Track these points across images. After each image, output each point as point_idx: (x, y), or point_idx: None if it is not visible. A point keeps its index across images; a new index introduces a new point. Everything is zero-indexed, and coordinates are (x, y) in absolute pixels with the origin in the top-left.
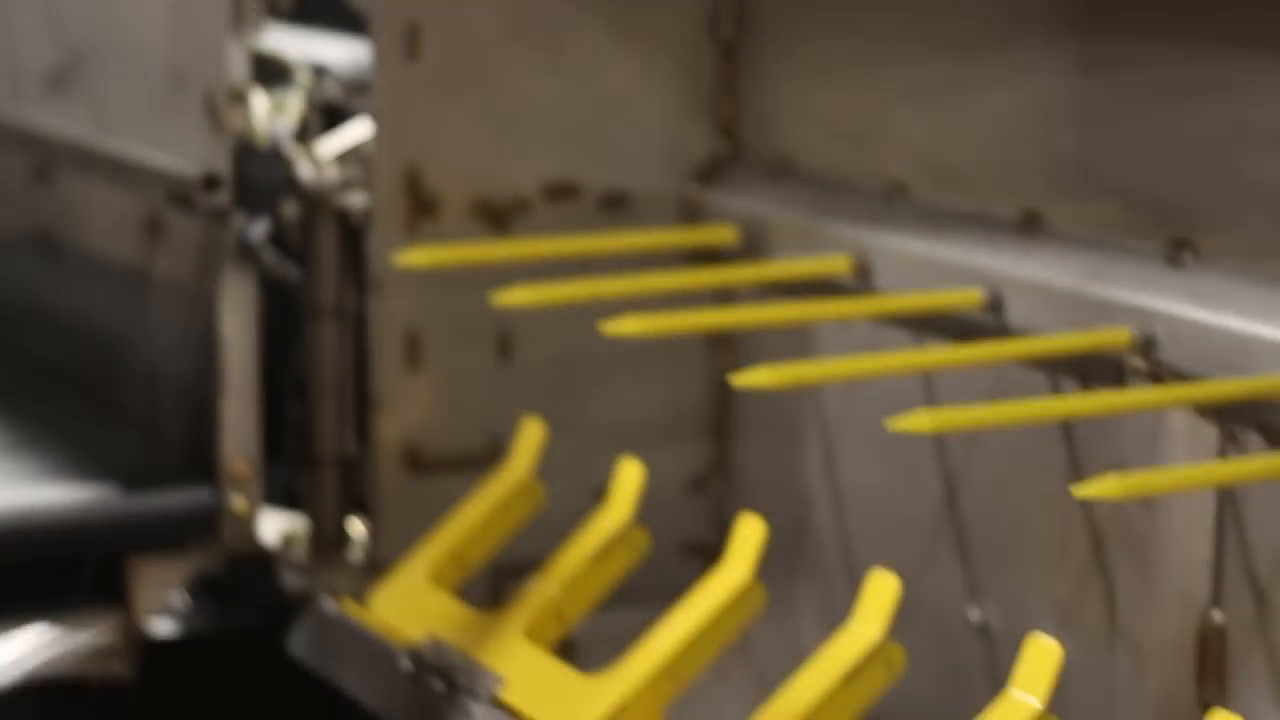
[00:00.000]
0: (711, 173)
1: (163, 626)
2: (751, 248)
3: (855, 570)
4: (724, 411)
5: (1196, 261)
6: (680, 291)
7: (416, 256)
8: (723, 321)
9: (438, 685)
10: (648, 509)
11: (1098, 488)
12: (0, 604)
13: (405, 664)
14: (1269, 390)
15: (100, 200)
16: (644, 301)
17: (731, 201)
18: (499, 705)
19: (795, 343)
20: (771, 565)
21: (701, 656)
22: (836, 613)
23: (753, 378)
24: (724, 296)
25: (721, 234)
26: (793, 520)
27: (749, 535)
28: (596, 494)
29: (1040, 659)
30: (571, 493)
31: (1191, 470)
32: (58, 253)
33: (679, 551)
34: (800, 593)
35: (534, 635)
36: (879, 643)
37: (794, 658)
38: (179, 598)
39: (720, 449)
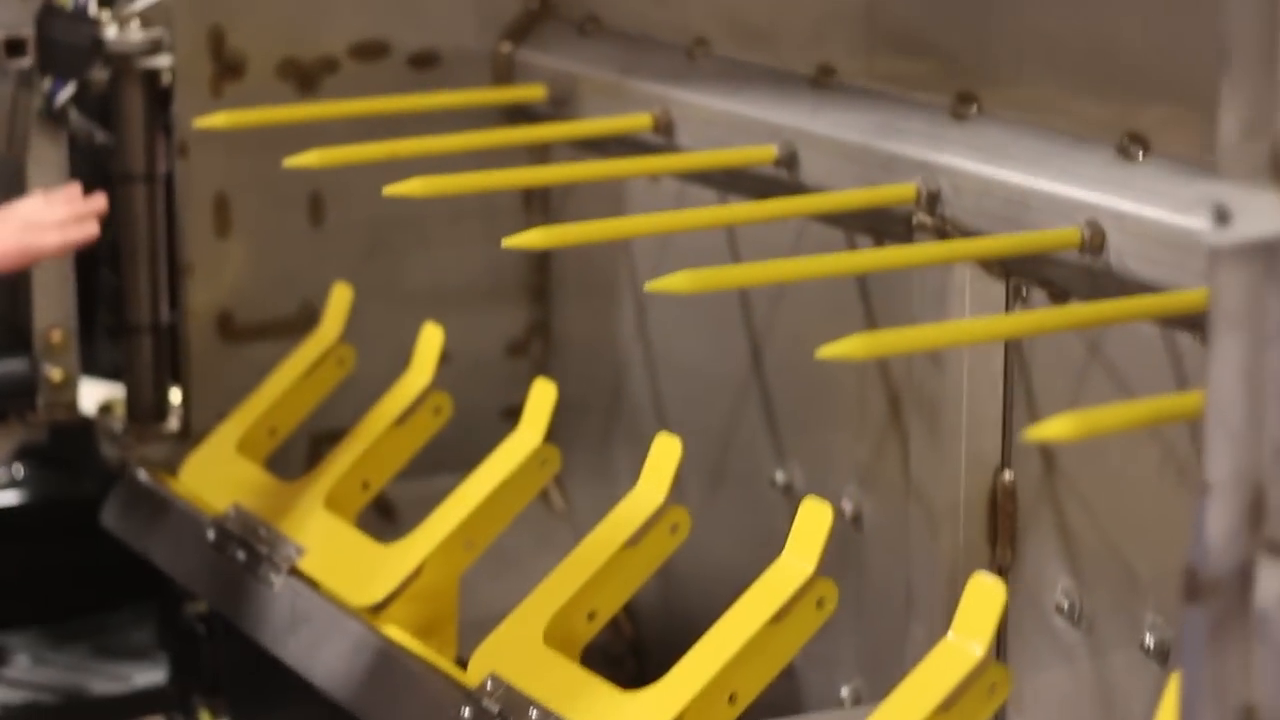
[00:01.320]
0: (523, 30)
1: None
2: (561, 105)
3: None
4: (542, 274)
5: (980, 115)
6: (488, 150)
7: (217, 120)
8: (510, 181)
9: (239, 555)
10: (468, 374)
11: (842, 347)
12: None
13: (210, 534)
14: (1046, 244)
15: None
16: (456, 162)
17: (542, 59)
18: (297, 574)
19: (608, 202)
20: (589, 429)
21: (496, 521)
22: None
23: (524, 239)
24: (540, 155)
25: (530, 92)
26: (610, 384)
27: (541, 399)
28: None
29: (812, 523)
30: (390, 359)
31: (955, 325)
32: None
33: (500, 416)
34: (618, 456)
35: (335, 504)
36: (662, 506)
37: None
38: (5, 469)
39: (540, 312)
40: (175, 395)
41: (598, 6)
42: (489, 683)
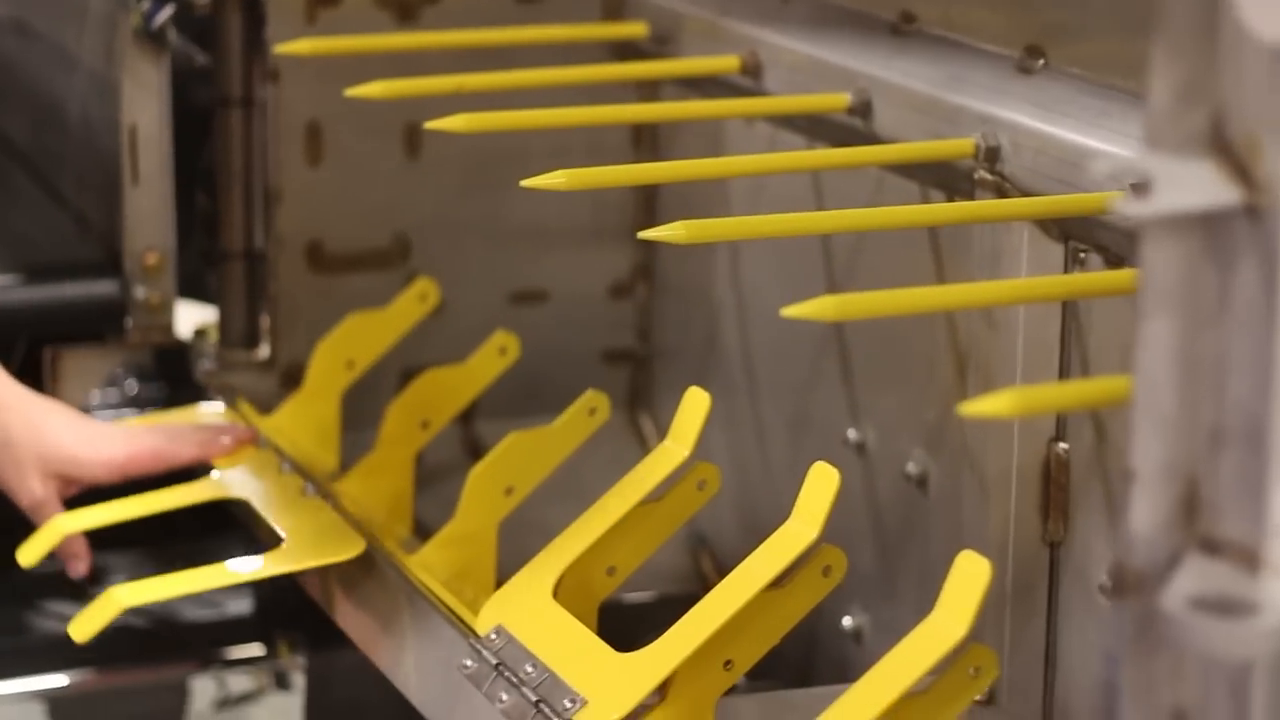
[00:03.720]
0: None
1: None
2: (664, 43)
3: (755, 383)
4: (648, 215)
5: (1045, 70)
6: (597, 88)
7: (299, 46)
8: (564, 119)
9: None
10: (568, 314)
11: (809, 308)
12: None
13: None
14: (1092, 206)
15: None
16: (558, 97)
17: None
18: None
19: (710, 142)
20: (686, 375)
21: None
22: (738, 425)
23: (546, 180)
24: (649, 93)
25: (632, 29)
26: (705, 330)
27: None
28: (514, 299)
29: (819, 488)
30: (487, 295)
31: (937, 290)
32: (27, 34)
33: (601, 359)
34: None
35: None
36: (687, 460)
37: None
38: (100, 389)
39: (645, 253)
40: (265, 322)
41: None
42: (493, 634)
